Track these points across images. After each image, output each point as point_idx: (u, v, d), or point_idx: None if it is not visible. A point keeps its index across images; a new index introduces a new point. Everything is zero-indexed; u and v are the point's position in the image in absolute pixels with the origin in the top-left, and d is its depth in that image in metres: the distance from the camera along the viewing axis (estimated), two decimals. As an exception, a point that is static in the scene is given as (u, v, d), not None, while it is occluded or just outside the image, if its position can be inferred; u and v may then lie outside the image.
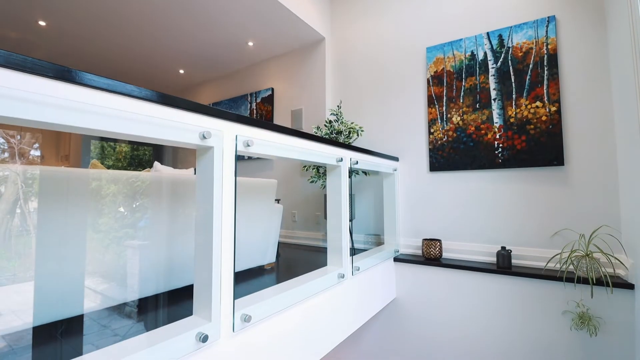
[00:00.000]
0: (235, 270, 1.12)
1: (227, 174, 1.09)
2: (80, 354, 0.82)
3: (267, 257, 2.01)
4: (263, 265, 1.99)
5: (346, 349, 2.68)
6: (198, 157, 1.11)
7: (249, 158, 3.60)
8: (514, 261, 2.06)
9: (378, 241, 2.62)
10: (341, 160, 1.73)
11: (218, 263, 1.02)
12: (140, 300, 1.32)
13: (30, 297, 1.04)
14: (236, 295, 1.11)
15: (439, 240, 2.27)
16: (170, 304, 1.36)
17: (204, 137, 1.00)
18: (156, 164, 1.62)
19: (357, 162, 1.88)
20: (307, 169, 2.53)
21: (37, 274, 1.07)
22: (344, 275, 1.68)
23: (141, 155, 4.86)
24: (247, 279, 1.76)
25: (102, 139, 4.59)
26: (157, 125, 0.90)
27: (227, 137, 1.09)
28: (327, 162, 1.66)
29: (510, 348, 1.98)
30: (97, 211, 1.19)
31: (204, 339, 0.95)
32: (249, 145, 1.16)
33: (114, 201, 1.24)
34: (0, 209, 1.08)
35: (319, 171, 2.46)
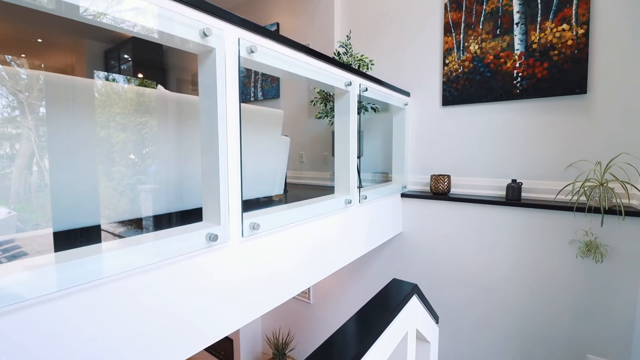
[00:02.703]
0: (244, 198, 1.13)
1: (231, 80, 1.04)
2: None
3: (275, 188, 2.02)
4: (271, 197, 2.01)
5: (351, 278, 2.79)
6: (200, 64, 1.05)
7: (254, 99, 3.51)
8: (524, 194, 2.04)
9: (386, 179, 2.61)
10: (350, 84, 1.66)
11: (225, 167, 1.01)
12: (151, 217, 1.35)
13: (50, 240, 1.07)
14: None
15: (448, 176, 2.24)
16: (182, 222, 1.39)
17: (205, 35, 0.94)
18: (160, 87, 1.57)
19: (366, 89, 1.80)
20: (314, 104, 2.45)
21: (52, 183, 1.08)
22: (351, 201, 1.69)
23: (147, 102, 4.78)
24: (255, 207, 1.78)
25: (107, 78, 4.51)
26: (153, 14, 0.84)
27: (229, 39, 1.03)
28: (336, 84, 1.58)
29: (513, 276, 2.02)
30: (104, 122, 1.18)
31: (214, 238, 0.97)
32: (252, 52, 1.10)
33: (120, 113, 1.22)
34: (18, 165, 1.08)
35: (327, 106, 2.38)
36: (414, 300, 1.17)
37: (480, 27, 2.16)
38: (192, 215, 1.36)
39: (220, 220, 1.01)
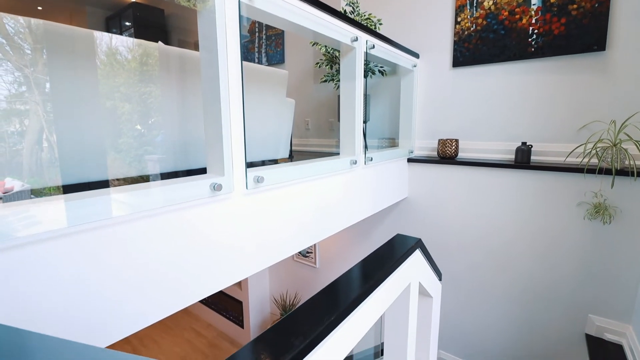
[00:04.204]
0: (248, 160, 1.12)
1: (231, 28, 1.01)
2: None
3: (280, 152, 2.01)
4: (276, 160, 2.00)
5: (356, 243, 2.84)
6: (199, 13, 1.02)
7: (258, 62, 3.44)
8: (534, 157, 2.00)
9: (392, 145, 2.58)
10: (356, 40, 1.60)
11: (227, 118, 1.00)
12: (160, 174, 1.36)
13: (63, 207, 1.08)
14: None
15: (456, 140, 2.20)
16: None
17: (203, -24, 0.90)
18: (160, 43, 1.54)
19: (373, 46, 1.74)
20: (319, 66, 2.39)
21: (58, 137, 1.08)
22: (356, 162, 1.68)
23: (150, 70, 4.71)
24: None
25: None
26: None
27: (228, -17, 0.99)
28: (342, 39, 1.53)
29: (520, 239, 2.03)
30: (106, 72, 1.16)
31: (218, 187, 0.97)
32: (253, -3, 1.05)
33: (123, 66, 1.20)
34: (28, 140, 1.08)
35: (332, 68, 2.32)
36: (417, 253, 1.18)
37: (496, -20, 2.04)
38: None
39: (224, 171, 1.01)
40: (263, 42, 3.39)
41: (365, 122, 1.96)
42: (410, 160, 2.37)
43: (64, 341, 0.32)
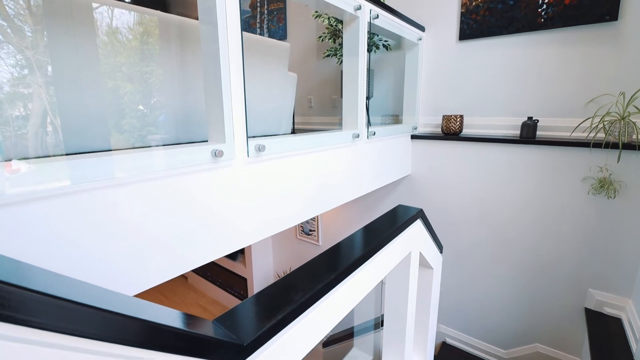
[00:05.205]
0: (249, 135, 1.10)
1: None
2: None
3: (282, 127, 1.99)
4: (278, 135, 1.99)
5: (358, 221, 2.86)
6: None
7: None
8: (540, 132, 1.97)
9: (396, 122, 2.55)
10: (359, 8, 1.55)
11: (227, 84, 0.98)
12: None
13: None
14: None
15: (461, 115, 2.17)
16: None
17: None
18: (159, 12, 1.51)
19: (377, 15, 1.69)
20: (322, 40, 2.34)
21: (60, 107, 1.08)
22: (359, 135, 1.67)
23: (151, 49, 4.64)
24: (262, 143, 1.77)
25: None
26: None
27: (227, -59, 0.95)
28: (344, 7, 1.49)
29: (523, 215, 2.02)
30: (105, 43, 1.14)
31: (219, 153, 0.97)
32: (253, -42, 1.02)
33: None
34: (32, 123, 1.07)
35: (335, 42, 2.27)
36: (419, 223, 1.19)
37: (506, -53, 1.96)
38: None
39: (225, 138, 1.01)
40: (265, 17, 3.31)
41: (368, 97, 1.94)
42: (413, 136, 2.35)
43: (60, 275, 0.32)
